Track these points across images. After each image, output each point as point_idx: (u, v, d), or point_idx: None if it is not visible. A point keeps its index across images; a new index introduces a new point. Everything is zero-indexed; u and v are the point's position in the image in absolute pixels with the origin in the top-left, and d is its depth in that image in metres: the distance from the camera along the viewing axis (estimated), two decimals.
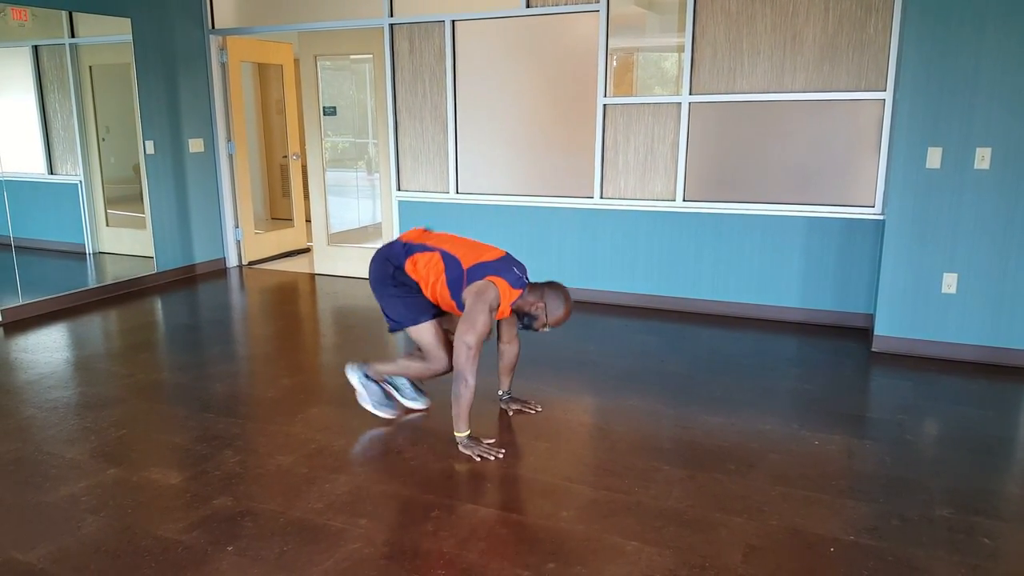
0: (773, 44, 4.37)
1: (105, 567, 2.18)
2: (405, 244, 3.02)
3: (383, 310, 3.10)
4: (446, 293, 2.91)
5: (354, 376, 3.21)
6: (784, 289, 4.60)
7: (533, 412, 3.26)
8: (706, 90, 4.56)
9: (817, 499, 2.54)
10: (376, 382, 3.21)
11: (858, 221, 4.35)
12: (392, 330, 3.10)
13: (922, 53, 3.69)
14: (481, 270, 2.85)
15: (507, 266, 2.89)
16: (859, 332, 4.39)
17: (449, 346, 3.01)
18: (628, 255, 4.94)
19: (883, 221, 4.19)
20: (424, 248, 2.97)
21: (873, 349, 4.06)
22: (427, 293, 2.99)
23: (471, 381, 2.77)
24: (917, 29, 3.68)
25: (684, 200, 4.74)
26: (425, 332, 3.02)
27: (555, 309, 2.86)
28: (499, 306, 2.82)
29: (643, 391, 3.52)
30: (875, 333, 4.05)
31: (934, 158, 3.75)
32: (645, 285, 4.94)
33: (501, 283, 2.82)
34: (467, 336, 2.74)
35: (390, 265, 3.02)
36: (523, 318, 2.91)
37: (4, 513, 2.48)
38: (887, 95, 4.17)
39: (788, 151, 4.46)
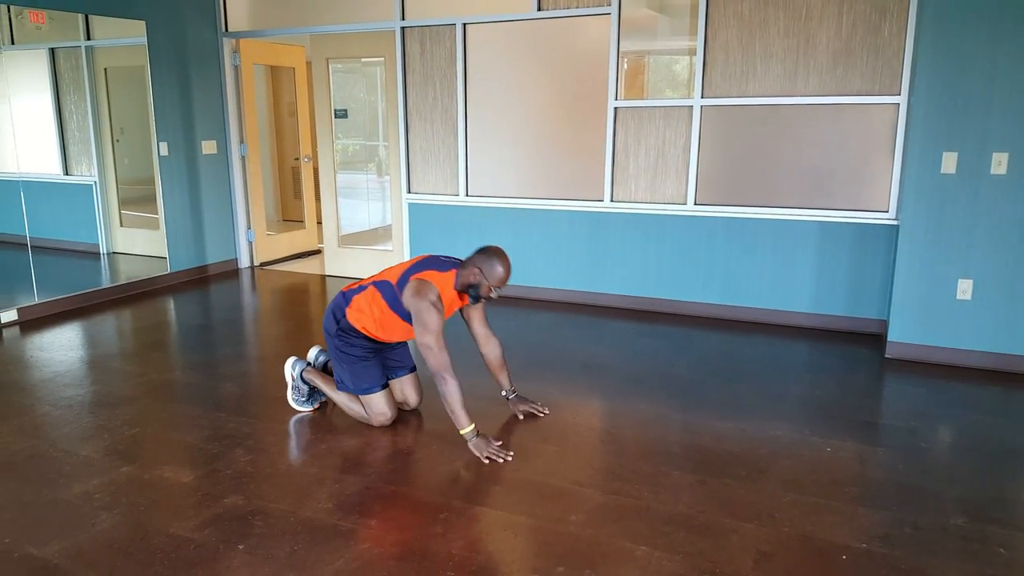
0: (786, 48, 4.35)
1: (118, 563, 2.20)
2: (345, 292, 3.14)
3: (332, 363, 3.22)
4: (394, 316, 2.99)
5: (296, 370, 3.32)
6: (796, 294, 4.57)
7: (542, 415, 3.25)
8: (718, 93, 4.54)
9: (829, 506, 2.52)
10: (308, 384, 3.32)
11: (872, 226, 4.32)
12: (338, 388, 3.21)
13: (937, 56, 3.66)
14: (406, 275, 2.94)
15: (429, 261, 2.99)
16: (872, 338, 4.36)
17: (394, 410, 3.15)
18: (639, 258, 4.93)
19: (897, 226, 4.16)
20: (360, 289, 3.09)
21: (886, 355, 4.03)
22: (380, 332, 3.06)
23: (449, 377, 2.82)
24: (932, 32, 3.66)
25: (695, 204, 4.72)
26: (376, 400, 3.11)
27: (490, 269, 2.87)
28: (441, 297, 2.86)
29: (652, 395, 3.51)
30: (889, 339, 4.02)
31: (949, 163, 3.72)
32: (655, 289, 4.93)
33: (429, 275, 2.90)
34: (424, 338, 2.81)
35: (334, 319, 3.12)
36: (469, 291, 2.95)
37: (19, 509, 2.51)
38: (902, 99, 4.14)
39: (801, 155, 4.44)
